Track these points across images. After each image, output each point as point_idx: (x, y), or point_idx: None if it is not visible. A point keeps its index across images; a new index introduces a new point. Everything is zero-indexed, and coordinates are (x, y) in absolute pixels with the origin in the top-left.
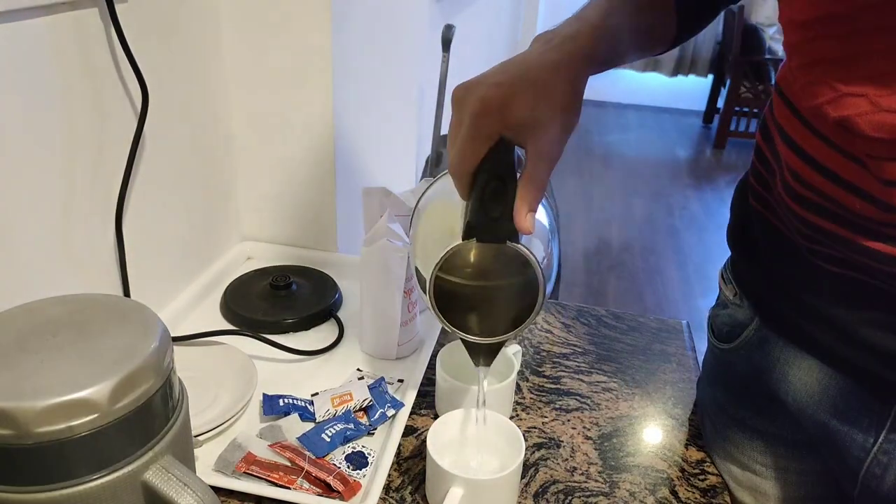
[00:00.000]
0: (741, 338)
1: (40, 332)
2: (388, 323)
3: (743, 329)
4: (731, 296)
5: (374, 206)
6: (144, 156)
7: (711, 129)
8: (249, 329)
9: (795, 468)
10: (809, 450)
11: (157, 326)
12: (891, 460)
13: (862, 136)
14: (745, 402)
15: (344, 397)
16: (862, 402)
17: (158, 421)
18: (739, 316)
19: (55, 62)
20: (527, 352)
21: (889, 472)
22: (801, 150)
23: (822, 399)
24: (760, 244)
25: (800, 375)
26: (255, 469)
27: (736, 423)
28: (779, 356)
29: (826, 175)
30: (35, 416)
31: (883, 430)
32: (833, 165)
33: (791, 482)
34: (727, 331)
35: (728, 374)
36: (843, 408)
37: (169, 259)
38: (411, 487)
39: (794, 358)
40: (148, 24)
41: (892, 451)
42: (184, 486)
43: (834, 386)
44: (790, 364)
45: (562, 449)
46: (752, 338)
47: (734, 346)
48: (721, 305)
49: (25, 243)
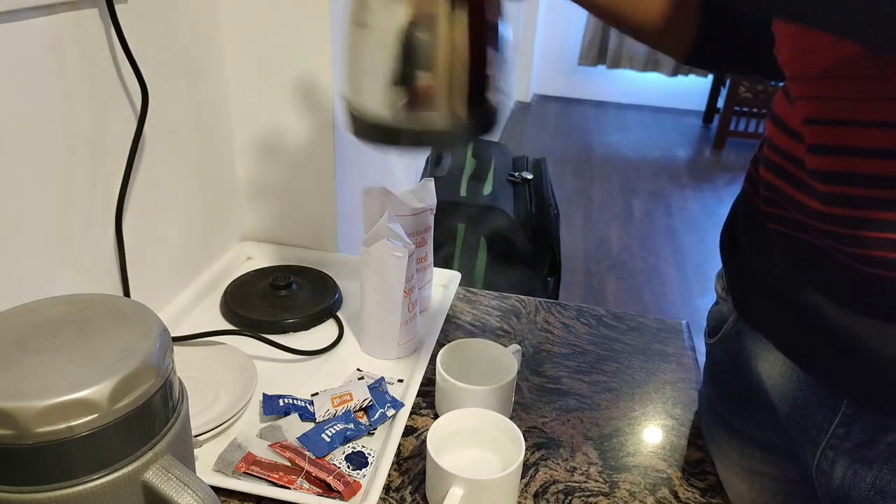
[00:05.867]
0: (722, 331)
1: (40, 332)
2: (388, 323)
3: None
4: (720, 290)
5: (374, 206)
6: (144, 156)
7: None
8: (249, 329)
9: (771, 474)
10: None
11: (157, 326)
12: (837, 455)
13: (788, 77)
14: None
15: (344, 397)
16: (817, 396)
17: (158, 421)
18: (724, 310)
19: (55, 62)
20: (527, 352)
21: (836, 469)
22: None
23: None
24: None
25: (767, 369)
26: (255, 469)
27: (721, 422)
28: (751, 348)
29: (779, 125)
30: (35, 416)
31: (832, 426)
32: (783, 114)
33: (767, 488)
34: (714, 325)
35: (713, 369)
36: (801, 402)
37: (169, 259)
38: (411, 487)
39: (763, 351)
40: (148, 24)
41: (838, 445)
42: (184, 486)
43: (795, 380)
44: (760, 358)
45: (562, 449)
46: (731, 331)
47: (717, 339)
48: (715, 302)
49: (25, 243)
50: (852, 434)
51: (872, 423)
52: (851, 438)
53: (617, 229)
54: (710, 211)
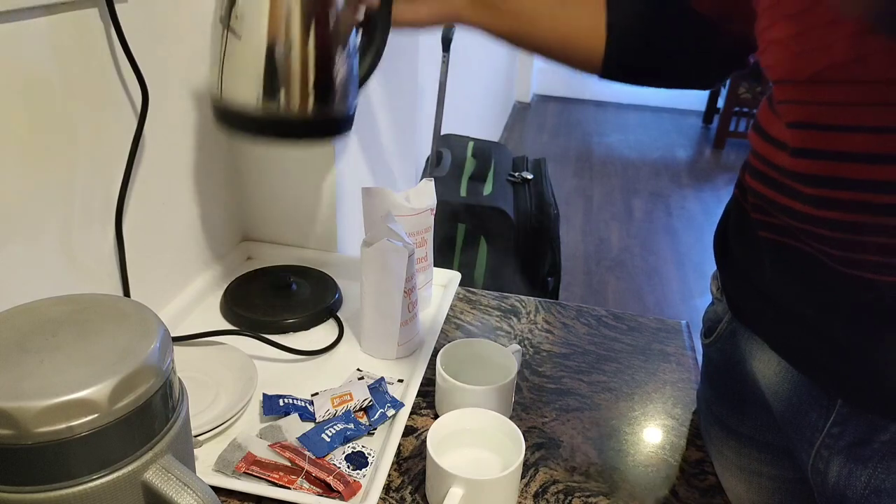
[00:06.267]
0: (717, 332)
1: (40, 332)
2: (388, 323)
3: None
4: (715, 291)
5: (374, 206)
6: (145, 155)
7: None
8: (249, 329)
9: (768, 473)
10: (780, 455)
11: (158, 326)
12: (832, 455)
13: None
14: (723, 398)
15: (344, 397)
16: (812, 396)
17: (158, 421)
18: (719, 310)
19: (55, 62)
20: (527, 352)
21: (831, 468)
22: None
23: (779, 392)
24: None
25: (762, 369)
26: (255, 469)
27: (718, 422)
28: (746, 349)
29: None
30: (35, 416)
31: (826, 425)
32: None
33: (765, 488)
34: (709, 326)
35: (709, 370)
36: (796, 402)
37: (169, 259)
38: (411, 487)
39: (758, 351)
40: (148, 23)
41: (833, 445)
42: (184, 486)
43: (789, 380)
44: (755, 358)
45: (562, 449)
46: (726, 331)
47: (712, 340)
48: (711, 302)
49: (26, 243)
50: (847, 433)
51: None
52: (846, 437)
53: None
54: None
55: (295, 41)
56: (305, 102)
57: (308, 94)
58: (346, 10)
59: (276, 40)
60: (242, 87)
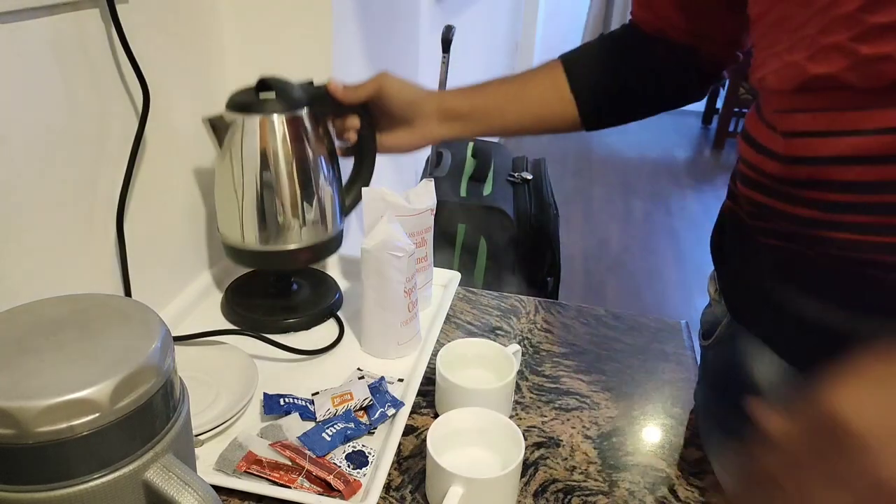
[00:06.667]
0: (717, 333)
1: (40, 332)
2: (389, 322)
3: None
4: (713, 292)
5: (374, 206)
6: (146, 155)
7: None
8: (250, 329)
9: None
10: None
11: (158, 326)
12: None
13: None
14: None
15: (344, 397)
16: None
17: (159, 420)
18: (718, 312)
19: (56, 62)
20: (526, 351)
21: None
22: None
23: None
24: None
25: (762, 370)
26: (255, 468)
27: (717, 423)
28: (745, 350)
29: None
30: (35, 415)
31: None
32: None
33: None
34: (707, 328)
35: (707, 371)
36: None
37: (170, 258)
38: (411, 486)
39: (758, 352)
40: (149, 24)
41: None
42: (185, 486)
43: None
44: (756, 359)
45: (561, 448)
46: (725, 333)
47: (711, 341)
48: (709, 304)
49: (26, 243)
50: None
51: None
52: None
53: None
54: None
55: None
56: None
57: (295, 230)
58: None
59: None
60: (240, 227)
